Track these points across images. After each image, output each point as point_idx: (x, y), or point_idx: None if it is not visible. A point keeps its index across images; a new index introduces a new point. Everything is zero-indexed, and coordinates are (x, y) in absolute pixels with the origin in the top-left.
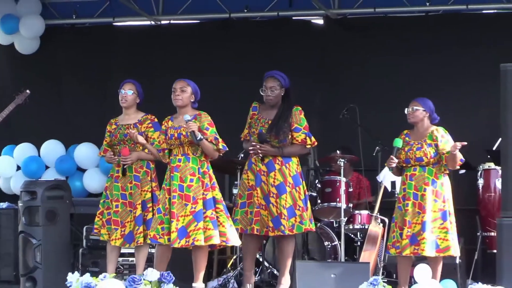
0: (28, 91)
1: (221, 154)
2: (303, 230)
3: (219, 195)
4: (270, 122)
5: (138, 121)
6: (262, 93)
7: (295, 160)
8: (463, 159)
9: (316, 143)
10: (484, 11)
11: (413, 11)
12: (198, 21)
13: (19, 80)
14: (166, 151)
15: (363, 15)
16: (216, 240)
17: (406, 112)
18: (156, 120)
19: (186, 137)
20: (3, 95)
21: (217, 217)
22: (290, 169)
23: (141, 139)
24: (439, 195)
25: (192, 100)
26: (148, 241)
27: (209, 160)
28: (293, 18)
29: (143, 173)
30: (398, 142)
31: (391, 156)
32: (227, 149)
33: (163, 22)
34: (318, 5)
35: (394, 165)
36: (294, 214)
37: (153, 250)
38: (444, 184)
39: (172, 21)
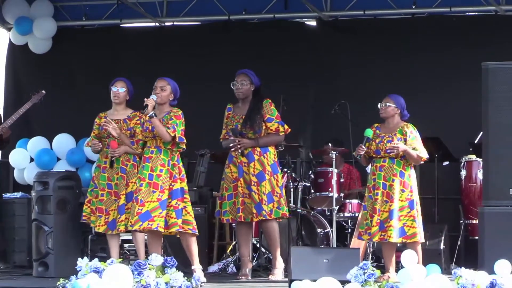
0: (43, 91)
1: (181, 146)
2: (280, 215)
3: (186, 187)
4: (243, 117)
5: (127, 117)
6: (232, 87)
7: (272, 150)
8: (426, 156)
9: (289, 130)
10: (466, 13)
11: (400, 14)
12: (200, 23)
13: (32, 77)
14: (140, 142)
15: (354, 17)
16: (177, 228)
17: (379, 106)
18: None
19: None
20: (18, 91)
21: (185, 206)
22: (268, 159)
23: (114, 132)
24: (407, 186)
25: (170, 99)
26: (130, 228)
27: (177, 153)
28: (288, 19)
29: (130, 165)
30: (369, 132)
31: (360, 144)
32: (184, 140)
33: (166, 23)
34: (312, 8)
35: (362, 153)
36: (272, 200)
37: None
38: (411, 176)
39: (175, 23)
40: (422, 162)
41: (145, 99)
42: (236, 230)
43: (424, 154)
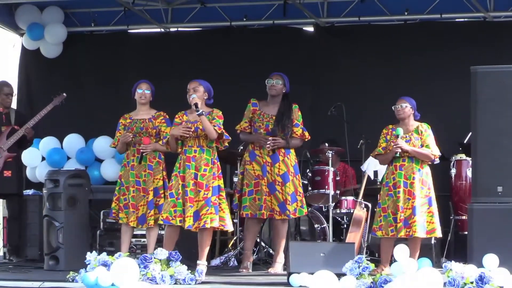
0: (64, 94)
1: (225, 144)
2: (304, 213)
3: (222, 184)
4: (273, 117)
5: (152, 116)
6: (267, 84)
7: (293, 152)
8: (439, 154)
9: (309, 137)
10: (456, 20)
11: (393, 20)
12: (203, 29)
13: (44, 80)
14: (178, 142)
15: (349, 23)
16: (216, 224)
17: (393, 108)
18: (167, 117)
19: (202, 131)
20: (31, 93)
21: (219, 203)
22: (291, 160)
23: (152, 147)
24: (425, 183)
25: (205, 98)
26: (161, 222)
27: (216, 152)
28: (287, 25)
29: (155, 163)
30: (400, 131)
31: (396, 141)
32: (230, 138)
33: (171, 29)
34: (309, 14)
35: (399, 149)
36: (296, 199)
37: (162, 232)
38: (428, 173)
39: (179, 29)
40: (437, 161)
41: (190, 99)
42: (246, 225)
43: (436, 151)
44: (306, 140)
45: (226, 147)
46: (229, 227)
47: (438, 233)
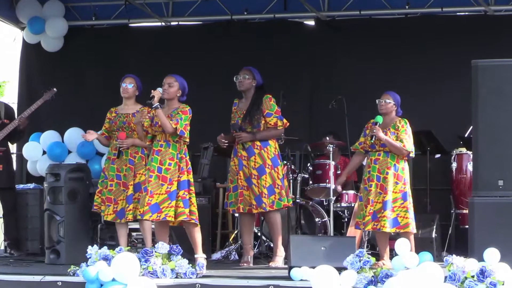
0: (55, 89)
1: (184, 140)
2: (282, 206)
3: (192, 179)
4: (244, 112)
5: (136, 111)
6: (235, 80)
7: (272, 143)
8: (411, 149)
9: (288, 124)
10: (457, 13)
11: (394, 14)
12: (203, 22)
13: (45, 74)
14: (148, 135)
15: (350, 17)
16: (185, 217)
17: (377, 102)
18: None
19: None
20: (32, 86)
21: (189, 198)
22: (268, 152)
23: (129, 142)
24: (400, 178)
25: (178, 95)
26: (139, 217)
27: (185, 147)
28: (288, 19)
29: (138, 158)
30: (380, 119)
31: (375, 126)
32: (185, 134)
33: (172, 23)
34: (310, 8)
35: (379, 133)
36: (273, 192)
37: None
38: (405, 169)
39: (180, 22)
40: (412, 156)
41: (152, 90)
42: (239, 220)
43: (408, 146)
44: (283, 128)
45: (187, 143)
46: (196, 221)
47: (412, 228)
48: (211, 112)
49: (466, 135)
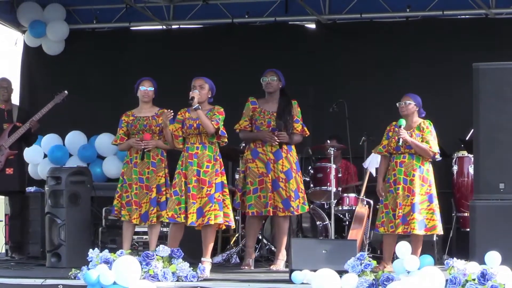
0: (66, 92)
1: (222, 140)
2: (306, 210)
3: (225, 180)
4: (274, 114)
5: (155, 114)
6: (262, 82)
7: (294, 148)
8: (437, 151)
9: (309, 133)
10: (458, 16)
11: (395, 17)
12: (204, 25)
13: (46, 77)
14: (180, 138)
15: (351, 20)
16: (220, 220)
17: (398, 105)
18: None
19: (203, 127)
20: (33, 90)
21: (223, 200)
22: (293, 156)
23: (153, 143)
24: (426, 180)
25: (209, 96)
26: (166, 220)
27: (218, 148)
28: (289, 22)
29: (158, 160)
30: (403, 122)
31: (398, 130)
32: (225, 134)
33: (173, 26)
34: (311, 11)
35: (403, 135)
36: (298, 196)
37: (165, 229)
38: (430, 170)
39: (181, 26)
40: (438, 158)
41: (190, 93)
42: (248, 222)
43: (435, 148)
44: (306, 136)
45: (226, 143)
46: (233, 223)
47: (439, 230)
48: None
49: (467, 138)
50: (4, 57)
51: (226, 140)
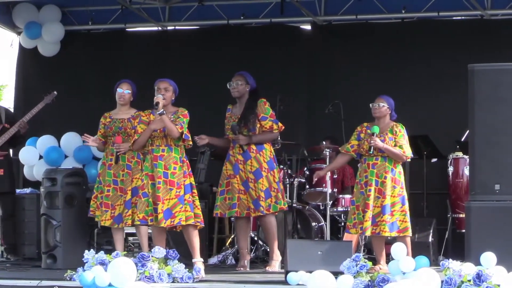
0: (55, 92)
1: (187, 143)
2: (278, 209)
3: (193, 182)
4: (238, 117)
5: (131, 116)
6: (229, 87)
7: (268, 147)
8: (411, 155)
9: (283, 128)
10: (453, 18)
11: (390, 18)
12: (200, 27)
13: (42, 79)
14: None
15: (346, 21)
16: (192, 221)
17: (371, 106)
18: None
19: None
20: (28, 91)
21: (193, 201)
22: (264, 156)
23: (126, 146)
24: (398, 182)
25: (173, 98)
26: (138, 223)
27: (184, 150)
28: (284, 24)
29: (134, 162)
30: (376, 129)
31: (371, 138)
32: (189, 138)
33: (169, 28)
34: (306, 13)
35: (378, 143)
36: (270, 195)
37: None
38: (401, 173)
39: (177, 27)
40: (408, 160)
41: (155, 98)
42: (235, 224)
43: (408, 152)
44: (279, 131)
45: (191, 145)
46: (203, 224)
47: (410, 232)
48: (207, 116)
49: (462, 139)
50: (1, 58)
51: (190, 143)
